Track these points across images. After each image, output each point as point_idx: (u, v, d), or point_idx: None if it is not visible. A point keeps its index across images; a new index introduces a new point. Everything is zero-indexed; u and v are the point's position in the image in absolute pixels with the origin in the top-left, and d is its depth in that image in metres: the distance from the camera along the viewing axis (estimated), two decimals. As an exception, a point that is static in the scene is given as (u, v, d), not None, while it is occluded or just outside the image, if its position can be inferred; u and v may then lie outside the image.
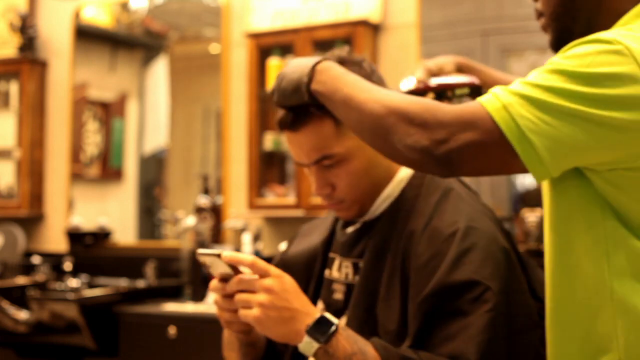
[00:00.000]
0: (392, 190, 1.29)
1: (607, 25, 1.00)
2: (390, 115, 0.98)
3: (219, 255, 1.11)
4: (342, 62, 1.24)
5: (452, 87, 1.28)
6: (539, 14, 1.08)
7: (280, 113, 1.26)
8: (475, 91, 1.29)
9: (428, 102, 0.97)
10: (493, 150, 0.92)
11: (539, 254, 1.13)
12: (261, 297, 1.11)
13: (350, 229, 1.34)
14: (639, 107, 0.88)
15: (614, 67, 0.88)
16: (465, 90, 1.30)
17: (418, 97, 1.01)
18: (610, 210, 0.96)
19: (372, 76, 1.27)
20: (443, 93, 1.28)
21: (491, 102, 0.93)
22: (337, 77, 1.12)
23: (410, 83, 1.31)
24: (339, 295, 1.31)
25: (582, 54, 0.91)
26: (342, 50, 1.30)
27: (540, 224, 2.71)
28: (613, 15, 1.00)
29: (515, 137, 0.90)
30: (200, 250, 1.15)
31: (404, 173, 1.31)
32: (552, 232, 1.04)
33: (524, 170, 0.93)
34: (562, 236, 1.01)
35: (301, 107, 1.19)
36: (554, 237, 1.03)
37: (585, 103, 0.88)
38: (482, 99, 0.94)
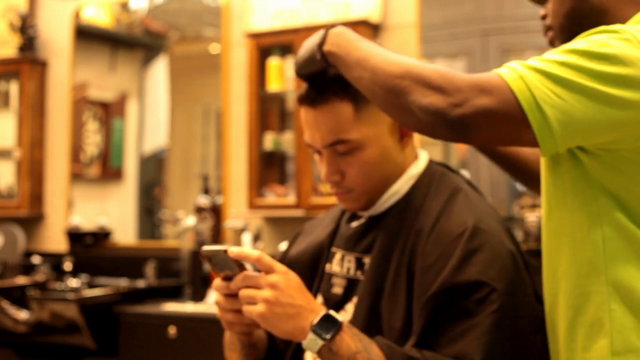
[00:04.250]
0: (400, 186, 1.29)
1: None
2: (406, 77, 0.99)
3: (225, 251, 1.11)
4: None
5: None
6: (547, 28, 1.11)
7: (302, 88, 1.27)
8: None
9: (445, 69, 0.99)
10: (506, 118, 0.94)
11: (539, 254, 1.14)
12: (266, 293, 1.11)
13: (355, 223, 1.33)
14: None
15: (624, 50, 0.92)
16: None
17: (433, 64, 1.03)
18: (605, 194, 0.99)
19: None
20: None
21: (508, 73, 0.95)
22: (351, 40, 1.13)
23: None
24: (338, 290, 1.31)
25: (593, 39, 0.95)
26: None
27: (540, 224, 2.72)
28: (618, 21, 1.04)
29: (530, 107, 0.92)
30: (206, 247, 1.15)
31: (415, 170, 1.30)
32: (548, 218, 1.07)
33: (533, 143, 0.95)
34: (558, 221, 1.05)
35: (324, 84, 1.19)
36: (550, 223, 1.06)
37: (597, 80, 0.92)
38: (498, 70, 0.96)
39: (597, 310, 0.99)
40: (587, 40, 0.95)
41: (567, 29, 1.08)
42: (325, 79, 1.21)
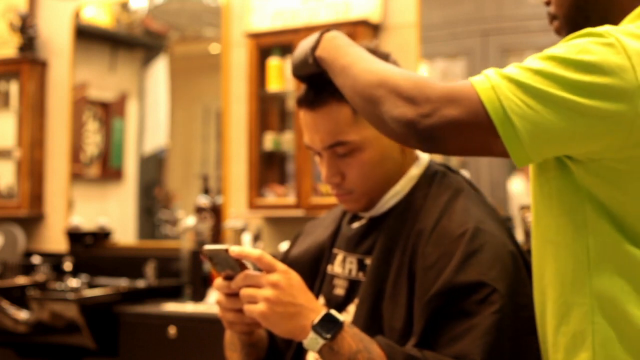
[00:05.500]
0: (401, 187, 1.29)
1: (620, 23, 1.00)
2: (381, 87, 0.99)
3: (226, 250, 1.11)
4: (370, 52, 1.25)
5: None
6: (552, 17, 1.08)
7: (301, 90, 1.27)
8: None
9: (420, 78, 0.98)
10: (475, 129, 0.92)
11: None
12: (267, 292, 1.11)
13: (356, 224, 1.33)
14: (623, 97, 0.88)
15: (604, 57, 0.88)
16: None
17: (413, 72, 1.02)
18: (592, 203, 0.96)
19: None
20: None
21: (481, 82, 0.93)
22: (339, 46, 1.13)
23: None
24: (340, 291, 1.31)
25: (574, 44, 0.91)
26: (371, 43, 1.30)
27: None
28: (626, 13, 1.00)
29: (499, 118, 0.90)
30: (207, 246, 1.15)
31: (415, 171, 1.31)
32: (536, 224, 1.04)
33: (505, 154, 0.93)
34: (544, 228, 1.02)
35: (321, 86, 1.19)
36: (537, 229, 1.04)
37: (571, 90, 0.88)
38: (473, 79, 0.95)
39: (579, 322, 0.97)
40: (568, 46, 0.92)
41: (572, 21, 1.05)
42: (323, 81, 1.21)
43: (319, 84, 1.21)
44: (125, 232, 3.99)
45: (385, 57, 1.27)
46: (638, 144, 0.90)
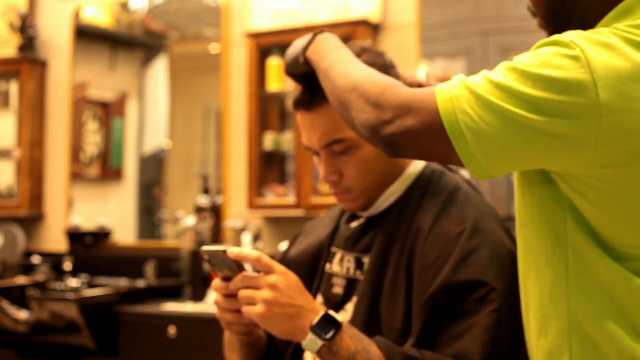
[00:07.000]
0: (399, 186, 1.29)
1: (599, 23, 0.97)
2: (352, 92, 1.00)
3: (224, 252, 1.11)
4: (364, 50, 1.26)
5: None
6: (533, 14, 1.06)
7: (297, 92, 1.28)
8: None
9: (389, 83, 0.98)
10: (432, 139, 0.92)
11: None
12: (266, 294, 1.11)
13: (354, 224, 1.34)
14: (583, 116, 0.84)
15: (565, 73, 0.85)
16: None
17: (387, 77, 1.02)
18: (574, 216, 0.93)
19: (390, 69, 1.27)
20: None
21: (444, 91, 0.92)
22: (327, 49, 1.14)
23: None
24: (338, 290, 1.31)
25: (539, 55, 0.88)
26: (365, 43, 1.31)
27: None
28: (606, 12, 0.96)
29: (453, 131, 0.89)
30: (205, 247, 1.15)
31: (413, 170, 1.31)
32: (519, 232, 1.02)
33: (463, 165, 0.92)
34: (527, 237, 1.00)
35: (316, 86, 1.20)
36: (520, 237, 1.02)
37: (527, 107, 0.85)
38: (439, 86, 0.93)
39: (557, 337, 0.95)
40: (532, 56, 0.88)
41: (552, 22, 1.02)
42: (318, 81, 1.21)
43: (313, 84, 1.21)
44: (125, 232, 3.99)
45: (379, 55, 1.28)
46: (607, 164, 0.86)
